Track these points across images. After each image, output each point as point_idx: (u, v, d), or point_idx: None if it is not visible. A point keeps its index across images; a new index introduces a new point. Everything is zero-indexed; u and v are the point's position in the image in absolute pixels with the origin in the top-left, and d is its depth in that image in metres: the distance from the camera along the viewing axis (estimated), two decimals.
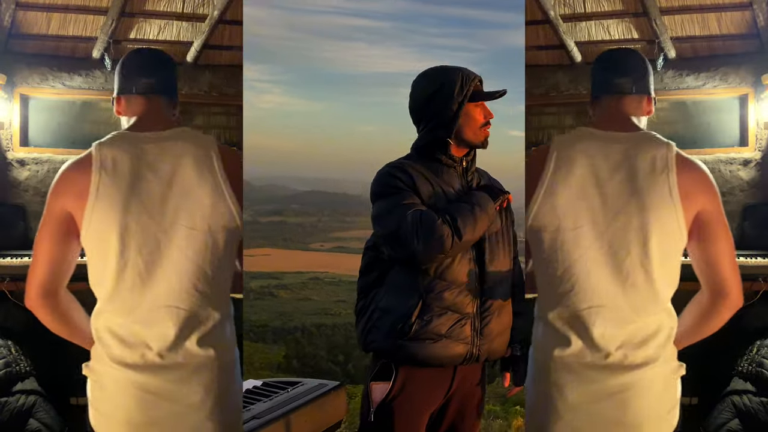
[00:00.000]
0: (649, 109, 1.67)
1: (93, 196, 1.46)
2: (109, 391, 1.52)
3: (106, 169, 1.47)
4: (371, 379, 1.83)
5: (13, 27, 3.81)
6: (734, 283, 1.59)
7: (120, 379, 1.50)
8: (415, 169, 1.80)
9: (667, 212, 1.51)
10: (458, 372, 1.81)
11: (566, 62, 4.08)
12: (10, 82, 3.79)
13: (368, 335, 1.81)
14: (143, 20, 3.94)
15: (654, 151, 1.54)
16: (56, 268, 1.53)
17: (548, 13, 3.91)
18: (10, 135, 3.85)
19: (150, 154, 1.50)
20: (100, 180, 1.47)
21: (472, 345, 1.77)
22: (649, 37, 3.95)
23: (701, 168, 1.56)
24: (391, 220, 1.73)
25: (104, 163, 1.48)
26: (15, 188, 3.86)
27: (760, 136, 3.86)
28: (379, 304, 1.81)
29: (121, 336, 1.49)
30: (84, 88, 3.93)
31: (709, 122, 3.98)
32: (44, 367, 3.50)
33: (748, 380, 3.31)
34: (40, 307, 1.56)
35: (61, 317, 1.59)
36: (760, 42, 3.82)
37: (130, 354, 1.49)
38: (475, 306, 1.78)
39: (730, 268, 1.58)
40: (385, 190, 1.79)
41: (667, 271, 1.55)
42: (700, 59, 3.96)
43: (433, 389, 1.81)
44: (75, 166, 1.51)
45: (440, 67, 1.89)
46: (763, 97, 3.78)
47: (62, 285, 1.56)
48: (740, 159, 3.89)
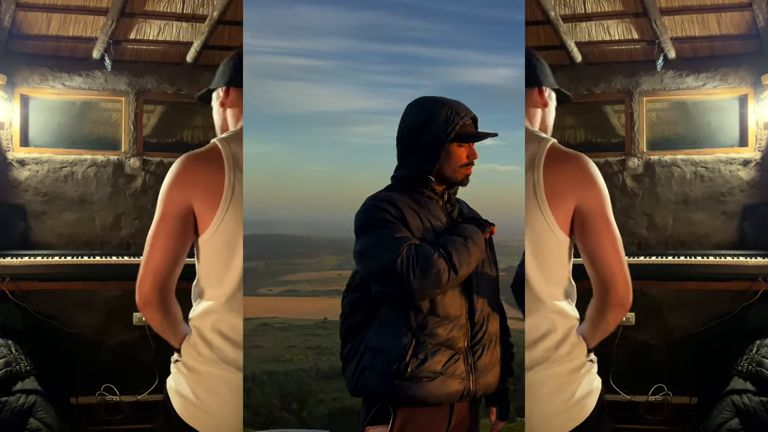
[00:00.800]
0: (542, 100, 1.65)
1: (228, 195, 1.39)
2: (218, 393, 1.48)
3: (238, 167, 1.40)
4: (367, 424, 1.72)
5: (14, 27, 3.81)
6: (619, 281, 1.53)
7: (232, 381, 1.47)
8: (402, 201, 1.73)
9: (534, 211, 1.46)
10: (455, 409, 1.74)
11: (566, 62, 4.08)
12: (10, 83, 3.79)
13: (360, 378, 1.72)
14: (143, 21, 3.94)
15: (530, 147, 1.49)
16: (173, 265, 1.47)
17: (548, 14, 3.91)
18: (10, 135, 3.85)
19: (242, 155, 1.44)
20: (235, 179, 1.40)
21: (468, 380, 1.70)
22: (649, 38, 3.95)
23: (579, 162, 1.51)
24: (384, 255, 1.64)
25: (236, 161, 1.40)
26: (15, 188, 3.86)
27: (760, 136, 3.86)
28: (369, 344, 1.72)
29: (233, 339, 1.46)
30: (84, 89, 3.93)
31: (708, 122, 3.98)
32: (44, 366, 3.50)
33: (747, 380, 3.31)
34: (151, 306, 1.49)
35: (169, 316, 1.53)
36: (759, 42, 3.82)
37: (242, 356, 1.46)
38: (466, 340, 1.71)
39: (615, 265, 1.53)
40: (373, 223, 1.71)
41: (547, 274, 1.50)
42: (700, 59, 3.96)
43: (432, 429, 1.73)
44: (201, 160, 1.43)
45: (431, 99, 1.80)
46: (762, 98, 3.78)
47: (174, 283, 1.50)
48: (740, 159, 3.89)
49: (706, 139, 3.95)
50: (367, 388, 1.71)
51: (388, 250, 1.63)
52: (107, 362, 3.71)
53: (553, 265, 1.52)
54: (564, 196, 1.47)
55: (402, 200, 1.74)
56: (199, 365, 1.51)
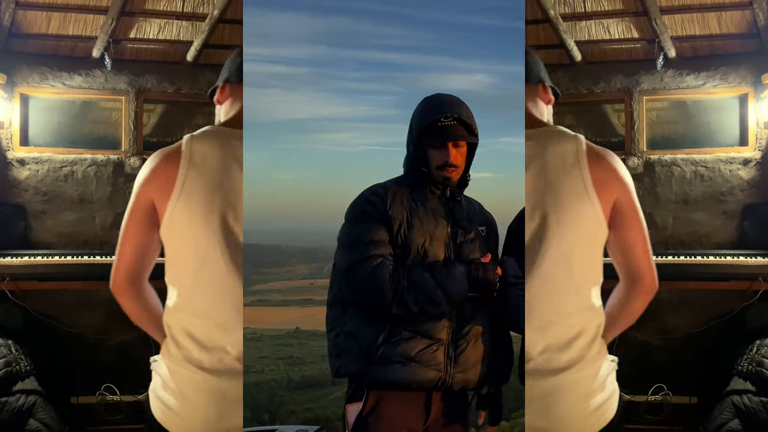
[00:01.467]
0: (546, 97, 1.67)
1: (178, 190, 1.43)
2: (186, 394, 1.49)
3: (195, 164, 1.44)
4: (346, 402, 1.79)
5: (13, 26, 3.80)
6: (647, 269, 1.59)
7: (199, 382, 1.46)
8: (396, 192, 1.77)
9: (584, 206, 1.48)
10: (434, 400, 1.76)
11: (566, 62, 4.07)
12: (10, 82, 3.79)
13: (337, 360, 1.78)
14: (143, 19, 3.94)
15: (562, 145, 1.52)
16: (141, 255, 1.52)
17: (548, 13, 3.90)
18: (10, 134, 3.84)
19: (239, 151, 1.47)
20: (187, 174, 1.43)
21: (445, 372, 1.71)
22: (649, 37, 3.95)
23: (613, 158, 1.55)
24: (348, 257, 1.72)
25: (193, 158, 1.44)
26: (15, 188, 3.85)
27: (760, 135, 3.85)
28: (344, 328, 1.77)
29: (199, 339, 1.46)
30: (84, 88, 3.92)
31: (709, 122, 3.98)
32: (44, 366, 3.50)
33: (748, 380, 3.31)
34: (124, 293, 1.55)
35: (143, 305, 1.57)
36: (760, 41, 3.82)
37: (209, 358, 1.45)
38: (449, 332, 1.73)
39: (643, 255, 1.59)
40: (355, 214, 1.78)
41: (589, 267, 1.53)
42: (700, 59, 3.95)
43: (406, 413, 1.75)
44: (163, 157, 1.48)
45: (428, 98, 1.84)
46: (763, 97, 3.78)
47: (146, 273, 1.55)
48: (740, 158, 3.89)
49: (706, 139, 3.95)
50: (342, 369, 1.77)
51: (353, 256, 1.70)
52: (107, 362, 3.70)
53: (596, 260, 1.55)
54: (607, 191, 1.51)
55: (397, 191, 1.78)
56: (170, 363, 1.52)
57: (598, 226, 1.50)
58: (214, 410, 1.46)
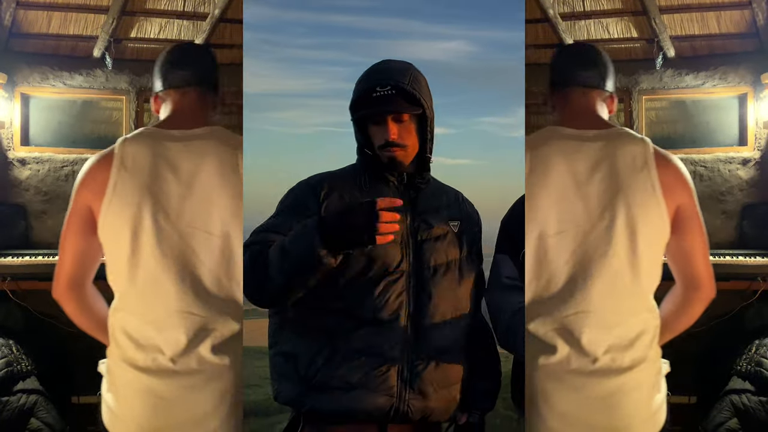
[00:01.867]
0: (612, 107, 1.66)
1: (110, 193, 1.44)
2: (122, 393, 1.50)
3: (126, 166, 1.44)
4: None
5: (14, 26, 3.81)
6: (707, 276, 1.60)
7: (133, 381, 1.47)
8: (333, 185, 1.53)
9: (652, 208, 1.49)
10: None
11: None
12: (10, 82, 3.79)
13: (276, 383, 1.55)
14: (144, 19, 3.94)
15: (631, 147, 1.52)
16: (81, 260, 1.53)
17: (547, 12, 3.91)
18: (10, 134, 3.85)
19: (172, 153, 1.47)
20: (118, 177, 1.44)
21: (399, 399, 1.43)
22: (648, 36, 3.95)
23: (678, 163, 1.56)
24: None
25: (124, 160, 1.45)
26: (16, 187, 3.86)
27: (759, 135, 3.86)
28: (282, 347, 1.53)
29: (135, 338, 1.47)
30: (85, 87, 3.92)
31: (708, 121, 3.98)
32: (45, 366, 3.50)
33: (747, 379, 3.31)
34: (66, 299, 1.57)
35: (87, 310, 1.59)
36: (759, 41, 3.82)
37: (143, 357, 1.46)
38: (404, 350, 1.45)
39: (703, 261, 1.60)
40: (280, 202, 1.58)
41: (653, 268, 1.53)
42: (699, 58, 3.96)
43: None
44: (97, 161, 1.49)
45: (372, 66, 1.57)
46: (762, 96, 3.79)
47: (88, 278, 1.56)
48: (739, 158, 3.89)
49: (705, 138, 3.95)
50: (280, 396, 1.54)
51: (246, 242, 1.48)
52: None
53: (659, 262, 1.54)
54: (673, 195, 1.51)
55: (336, 184, 1.54)
56: (111, 363, 1.54)
57: (663, 229, 1.50)
58: (146, 410, 1.45)
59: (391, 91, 1.49)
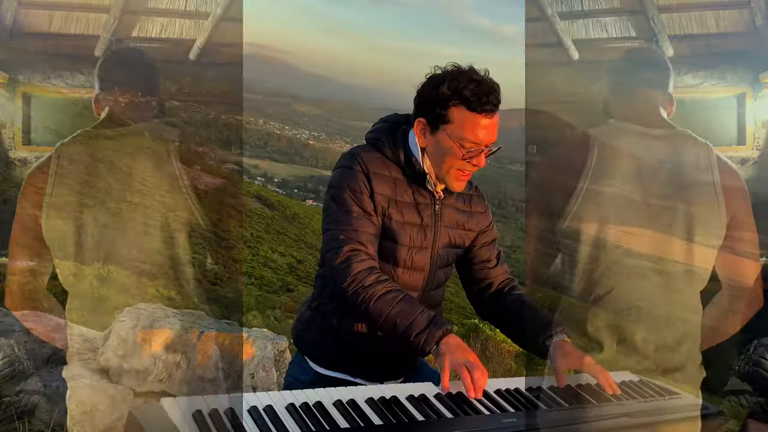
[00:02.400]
0: (671, 109, 1.67)
1: (48, 196, 1.45)
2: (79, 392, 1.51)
3: (63, 168, 1.46)
4: None
5: (15, 25, 3.81)
6: (756, 284, 1.61)
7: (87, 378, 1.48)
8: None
9: (713, 210, 1.51)
10: None
11: (563, 60, 4.09)
12: (12, 81, 3.80)
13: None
14: (145, 18, 3.95)
15: (696, 149, 1.53)
16: (31, 270, 1.55)
17: (545, 11, 3.92)
18: (12, 134, 3.85)
19: (108, 151, 1.48)
20: (55, 180, 1.46)
21: None
22: (646, 35, 3.96)
23: (737, 170, 1.59)
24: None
25: (61, 163, 1.47)
26: (17, 187, 3.86)
27: (758, 134, 3.86)
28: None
29: (86, 335, 1.48)
30: (86, 87, 3.92)
31: (706, 121, 3.98)
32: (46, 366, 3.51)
33: (745, 380, 3.32)
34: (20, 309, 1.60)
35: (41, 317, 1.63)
36: (758, 40, 3.83)
37: (93, 354, 1.47)
38: None
39: (754, 269, 1.60)
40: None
41: (705, 271, 1.55)
42: (697, 57, 3.97)
43: None
44: (36, 169, 1.52)
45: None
46: (761, 96, 3.79)
47: (41, 286, 1.58)
48: (738, 158, 3.89)
49: (703, 138, 3.95)
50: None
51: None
52: None
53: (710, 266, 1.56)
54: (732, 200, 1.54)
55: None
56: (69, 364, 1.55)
57: (720, 231, 1.52)
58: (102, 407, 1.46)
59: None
